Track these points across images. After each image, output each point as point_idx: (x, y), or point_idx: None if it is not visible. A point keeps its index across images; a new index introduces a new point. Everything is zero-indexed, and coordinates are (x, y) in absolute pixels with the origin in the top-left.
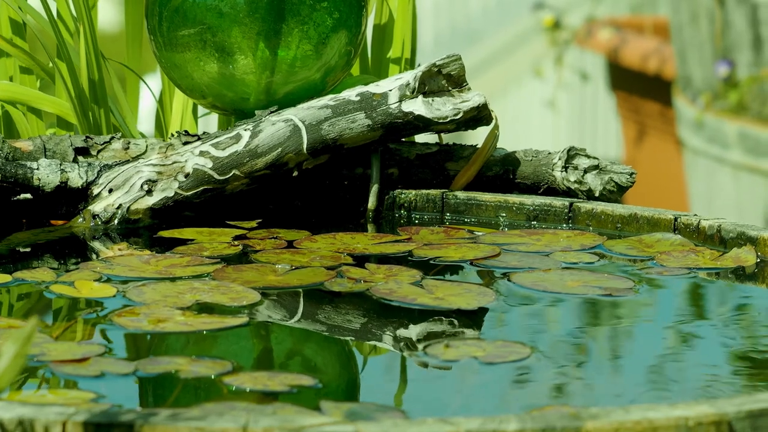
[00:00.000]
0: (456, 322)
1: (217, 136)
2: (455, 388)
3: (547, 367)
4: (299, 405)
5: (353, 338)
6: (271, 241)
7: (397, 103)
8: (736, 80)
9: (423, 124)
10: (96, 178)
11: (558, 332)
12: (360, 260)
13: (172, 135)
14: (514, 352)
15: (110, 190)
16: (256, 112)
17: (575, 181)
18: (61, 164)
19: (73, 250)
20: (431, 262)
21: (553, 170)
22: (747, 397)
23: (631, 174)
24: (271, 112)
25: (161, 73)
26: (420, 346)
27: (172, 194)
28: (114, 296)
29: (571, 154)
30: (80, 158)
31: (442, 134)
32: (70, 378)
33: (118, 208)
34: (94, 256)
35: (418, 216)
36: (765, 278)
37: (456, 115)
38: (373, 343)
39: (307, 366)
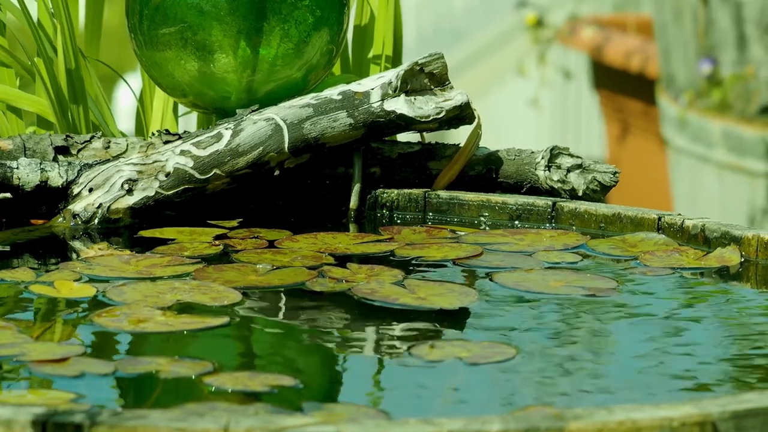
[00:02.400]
0: (438, 322)
1: (198, 135)
2: (439, 388)
3: (532, 368)
4: (281, 405)
5: (335, 338)
6: (252, 240)
7: (379, 102)
8: (719, 78)
9: (405, 122)
10: (76, 177)
11: (542, 332)
12: (341, 260)
13: (153, 134)
14: (499, 353)
15: (90, 190)
16: (237, 111)
17: (558, 181)
18: (41, 163)
19: (53, 250)
20: (413, 261)
21: (536, 169)
22: (731, 398)
23: (615, 173)
24: (252, 111)
25: (142, 72)
26: (404, 347)
27: (152, 193)
28: (94, 296)
29: (554, 153)
30: (60, 157)
31: (424, 133)
32: (50, 378)
33: (98, 207)
34: (74, 256)
35: (400, 215)
36: (749, 278)
37: (438, 113)
38: (355, 343)
39: (288, 366)
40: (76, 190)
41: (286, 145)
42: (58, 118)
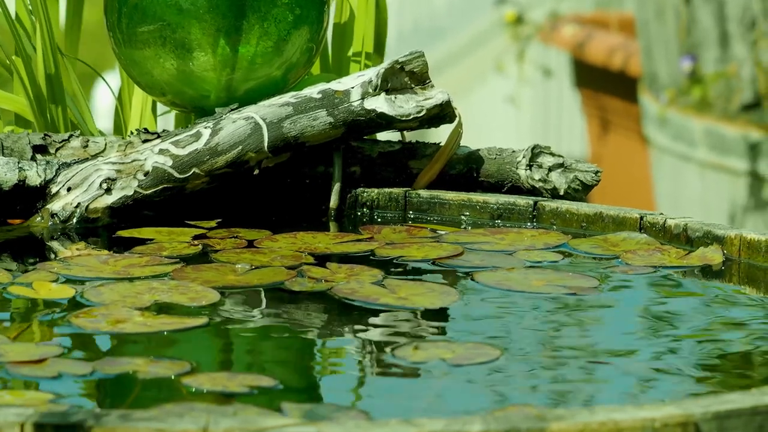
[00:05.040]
0: (420, 322)
1: (177, 134)
2: (422, 389)
3: (515, 368)
4: (260, 406)
5: (315, 339)
6: (231, 240)
7: (360, 101)
8: (701, 76)
9: (386, 121)
10: (54, 176)
11: (524, 332)
12: (321, 260)
13: (132, 133)
14: (483, 354)
15: (69, 189)
16: (217, 109)
17: (540, 180)
18: (19, 162)
19: (30, 250)
20: (394, 261)
21: (517, 168)
22: (714, 398)
23: (597, 172)
24: (232, 110)
25: (120, 70)
26: (386, 347)
27: (131, 193)
28: (72, 297)
29: (536, 152)
30: (38, 156)
31: (405, 132)
32: (27, 379)
33: (76, 207)
34: (52, 256)
35: (380, 215)
36: (731, 277)
37: (419, 112)
38: (335, 343)
39: (268, 367)
40: (54, 190)
41: (266, 144)
42: (36, 117)
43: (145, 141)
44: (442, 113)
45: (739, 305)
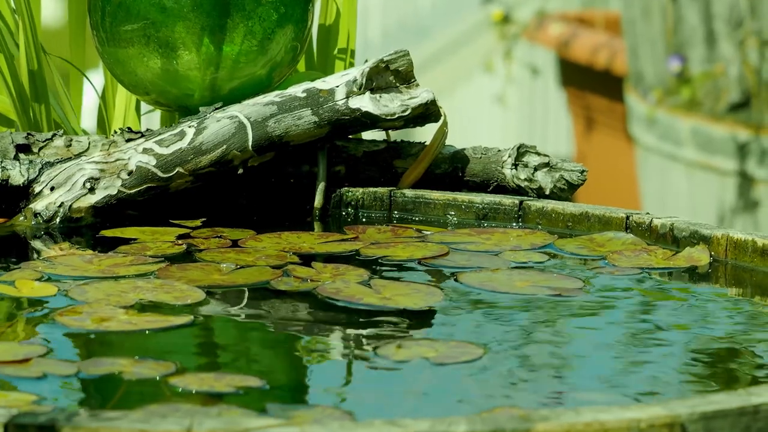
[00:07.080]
0: (404, 322)
1: (160, 133)
2: (406, 389)
3: (499, 368)
4: (245, 407)
5: (301, 338)
6: (215, 240)
7: (344, 100)
8: (688, 76)
9: (370, 120)
10: (37, 175)
11: (508, 333)
12: (306, 259)
13: (115, 132)
14: (466, 353)
15: (52, 188)
16: (201, 108)
17: (525, 179)
18: (1, 161)
19: (13, 249)
20: (379, 261)
21: (502, 168)
22: (700, 399)
23: (582, 172)
24: (216, 109)
25: (104, 69)
26: (370, 347)
27: (115, 192)
28: (55, 295)
29: (521, 151)
30: (21, 155)
31: (389, 131)
32: (11, 379)
33: (60, 206)
34: (35, 256)
35: (365, 214)
36: (718, 278)
37: (404, 111)
38: (321, 343)
39: (253, 367)
40: (37, 189)
41: (250, 143)
42: (20, 116)
43: (128, 140)
44: (427, 112)
45: (724, 305)
